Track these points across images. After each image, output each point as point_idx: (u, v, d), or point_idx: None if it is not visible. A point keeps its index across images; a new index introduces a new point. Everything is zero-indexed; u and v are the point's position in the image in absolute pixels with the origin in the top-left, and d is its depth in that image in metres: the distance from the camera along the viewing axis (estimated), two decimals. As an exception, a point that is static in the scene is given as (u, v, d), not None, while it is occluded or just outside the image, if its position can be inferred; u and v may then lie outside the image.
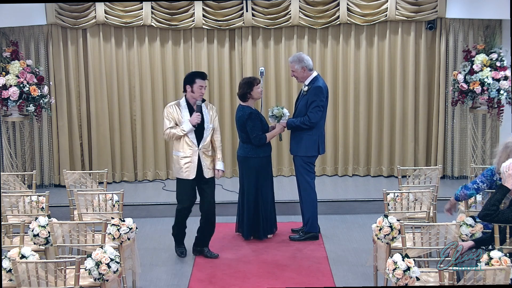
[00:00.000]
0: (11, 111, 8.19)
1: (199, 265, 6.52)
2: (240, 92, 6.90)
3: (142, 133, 9.03)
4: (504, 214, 4.78)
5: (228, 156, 9.01)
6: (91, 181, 6.76)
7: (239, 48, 8.96)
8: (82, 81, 8.84)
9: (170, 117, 6.39)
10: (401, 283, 4.69)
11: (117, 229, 5.56)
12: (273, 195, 7.14)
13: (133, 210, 7.83)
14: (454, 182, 8.77)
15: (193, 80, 6.43)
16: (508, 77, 7.99)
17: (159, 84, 8.94)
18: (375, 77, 8.92)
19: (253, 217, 7.02)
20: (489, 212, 4.78)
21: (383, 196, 6.03)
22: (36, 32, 8.63)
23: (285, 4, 8.73)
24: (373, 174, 9.13)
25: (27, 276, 4.50)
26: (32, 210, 6.11)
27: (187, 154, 6.41)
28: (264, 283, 6.04)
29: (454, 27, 8.70)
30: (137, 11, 8.68)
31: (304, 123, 6.87)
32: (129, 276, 5.91)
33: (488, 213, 4.79)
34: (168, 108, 6.47)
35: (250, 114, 6.80)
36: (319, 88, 6.87)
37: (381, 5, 8.70)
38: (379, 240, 5.53)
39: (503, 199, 4.81)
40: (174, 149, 6.51)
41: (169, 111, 6.43)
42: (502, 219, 4.79)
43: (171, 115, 6.39)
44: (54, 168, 8.89)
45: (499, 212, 4.77)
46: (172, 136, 6.40)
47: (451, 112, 8.84)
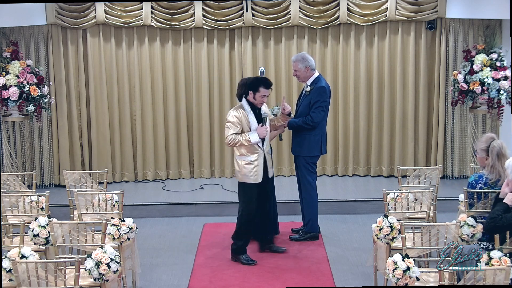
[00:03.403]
0: (11, 111, 8.19)
1: (199, 265, 6.52)
2: (238, 93, 6.86)
3: (142, 133, 9.03)
4: (507, 218, 4.79)
5: (228, 157, 9.02)
6: (91, 181, 6.77)
7: (239, 48, 8.96)
8: (82, 81, 8.84)
9: (237, 122, 6.29)
10: (401, 283, 4.69)
11: (117, 229, 5.56)
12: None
13: (133, 210, 7.83)
14: (454, 182, 8.78)
15: (257, 88, 6.33)
16: (508, 77, 7.99)
17: (159, 84, 8.94)
18: (375, 77, 8.92)
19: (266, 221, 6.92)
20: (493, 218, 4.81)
21: (383, 196, 6.03)
22: (36, 32, 8.63)
23: (285, 4, 8.73)
24: (373, 174, 9.13)
25: (27, 276, 4.50)
26: (32, 210, 6.11)
27: (254, 158, 6.37)
28: (264, 283, 6.04)
29: (454, 27, 8.70)
30: (137, 11, 8.68)
31: (306, 122, 6.87)
32: (129, 276, 5.91)
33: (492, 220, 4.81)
34: (234, 112, 6.35)
35: None
36: (323, 88, 6.88)
37: (381, 5, 8.70)
38: (379, 240, 5.53)
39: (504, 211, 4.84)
40: (239, 154, 6.41)
41: (237, 115, 6.32)
42: (506, 223, 4.81)
43: (239, 120, 6.30)
44: (54, 168, 8.88)
45: (502, 217, 4.79)
46: (236, 143, 6.30)
47: (451, 112, 8.83)
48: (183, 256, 6.77)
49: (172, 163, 9.13)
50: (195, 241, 7.20)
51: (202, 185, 8.86)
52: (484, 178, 5.51)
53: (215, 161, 9.18)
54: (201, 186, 8.82)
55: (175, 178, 9.16)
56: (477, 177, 5.58)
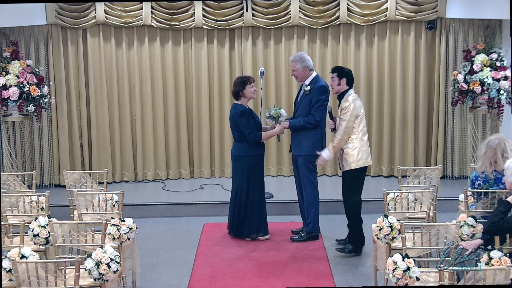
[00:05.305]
0: (11, 111, 8.19)
1: (199, 265, 6.52)
2: (233, 90, 6.94)
3: (142, 133, 9.04)
4: (509, 222, 4.79)
5: (228, 157, 9.01)
6: (91, 181, 6.77)
7: (239, 48, 8.96)
8: (82, 81, 8.84)
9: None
10: (401, 283, 4.69)
11: (117, 229, 5.56)
12: (263, 195, 7.11)
13: (133, 210, 7.83)
14: (454, 182, 8.78)
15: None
16: (508, 77, 7.99)
17: (159, 84, 8.94)
18: (375, 77, 8.92)
19: (243, 216, 7.00)
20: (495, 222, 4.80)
21: (383, 196, 6.03)
22: (36, 32, 8.63)
23: (285, 4, 8.73)
24: (373, 174, 9.12)
25: (27, 276, 4.50)
26: (32, 210, 6.10)
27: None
28: (264, 283, 6.04)
29: (454, 27, 8.70)
30: (137, 11, 8.68)
31: (309, 122, 6.86)
32: (129, 276, 5.91)
33: (494, 223, 4.80)
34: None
35: (243, 112, 6.81)
36: (324, 87, 6.89)
37: (381, 5, 8.70)
38: (379, 240, 5.53)
39: (507, 212, 4.84)
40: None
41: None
42: (508, 227, 4.81)
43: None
44: (54, 168, 8.89)
45: (504, 221, 4.79)
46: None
47: (451, 112, 8.83)
48: (183, 256, 6.76)
49: (172, 163, 9.13)
50: (195, 241, 7.20)
51: (202, 185, 8.86)
52: (484, 175, 5.51)
53: (215, 161, 9.18)
54: (201, 186, 8.82)
55: (175, 178, 9.16)
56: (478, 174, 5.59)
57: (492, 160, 5.41)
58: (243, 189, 6.95)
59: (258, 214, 7.02)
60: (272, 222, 7.29)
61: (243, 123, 6.80)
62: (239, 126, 6.83)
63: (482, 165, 5.48)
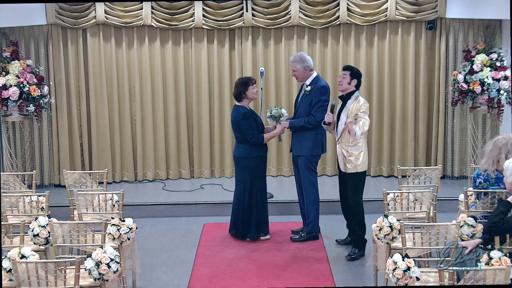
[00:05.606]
0: (11, 111, 8.19)
1: (199, 265, 6.52)
2: (235, 92, 6.92)
3: (142, 133, 9.04)
4: (509, 222, 4.79)
5: (228, 157, 9.02)
6: (91, 181, 6.77)
7: (239, 48, 8.96)
8: (82, 81, 8.84)
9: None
10: (401, 283, 4.69)
11: (117, 229, 5.56)
12: (265, 196, 7.12)
13: (133, 210, 7.83)
14: (454, 182, 8.78)
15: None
16: (508, 77, 7.99)
17: (159, 84, 8.94)
18: (375, 77, 8.92)
19: (247, 218, 7.01)
20: (495, 222, 4.79)
21: (383, 196, 6.03)
22: (36, 32, 8.63)
23: (285, 4, 8.73)
24: (373, 174, 9.12)
25: (27, 276, 4.50)
26: (32, 210, 6.11)
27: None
28: (264, 283, 6.04)
29: (454, 27, 8.70)
30: (137, 11, 8.68)
31: (309, 122, 6.86)
32: (129, 276, 5.91)
33: (494, 224, 4.80)
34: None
35: (245, 114, 6.80)
36: (325, 88, 6.89)
37: (381, 5, 8.70)
38: (379, 240, 5.53)
39: (507, 212, 4.84)
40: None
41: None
42: (508, 227, 4.80)
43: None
44: (54, 168, 8.89)
45: (504, 221, 4.79)
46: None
47: (451, 112, 8.83)
48: (183, 256, 6.76)
49: (172, 163, 9.13)
50: (195, 241, 7.20)
51: (202, 185, 8.86)
52: (486, 174, 5.51)
53: (215, 161, 9.18)
54: (201, 186, 8.82)
55: (175, 178, 9.16)
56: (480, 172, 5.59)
57: (495, 159, 5.42)
58: (246, 191, 6.95)
59: (260, 215, 7.04)
60: (272, 222, 7.29)
61: (245, 125, 6.79)
62: (241, 128, 6.83)
63: (485, 162, 5.49)
